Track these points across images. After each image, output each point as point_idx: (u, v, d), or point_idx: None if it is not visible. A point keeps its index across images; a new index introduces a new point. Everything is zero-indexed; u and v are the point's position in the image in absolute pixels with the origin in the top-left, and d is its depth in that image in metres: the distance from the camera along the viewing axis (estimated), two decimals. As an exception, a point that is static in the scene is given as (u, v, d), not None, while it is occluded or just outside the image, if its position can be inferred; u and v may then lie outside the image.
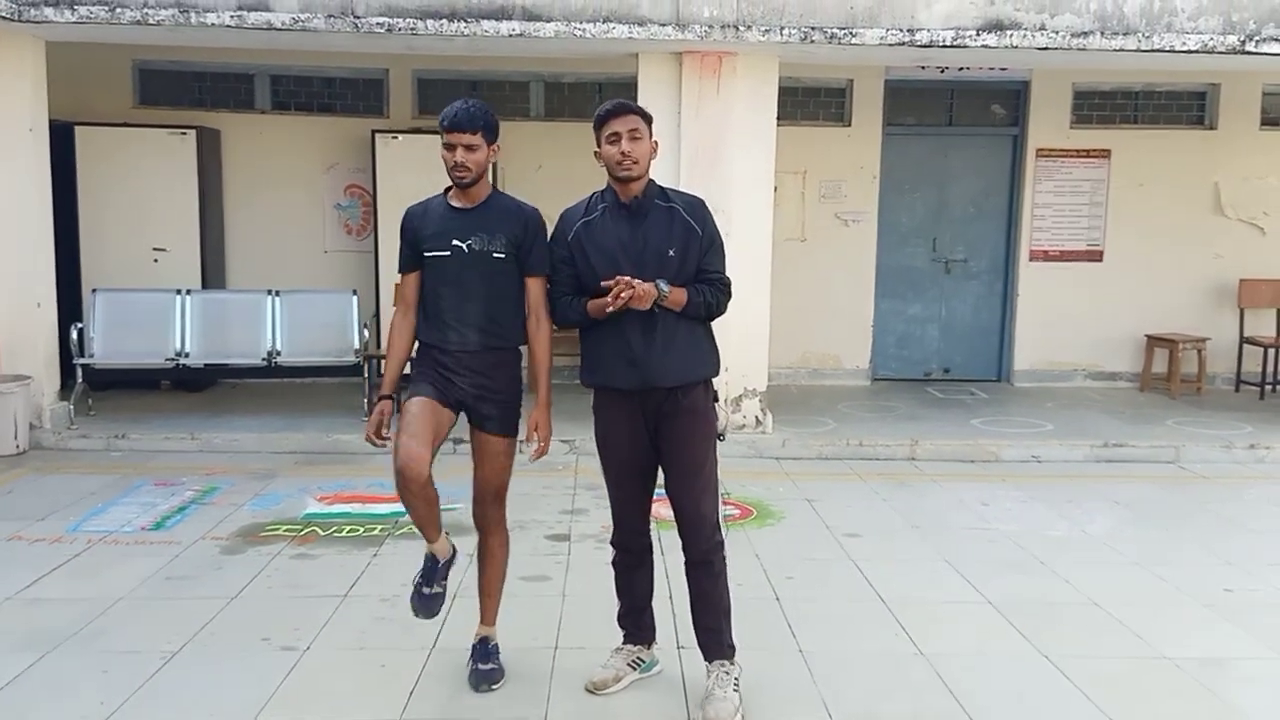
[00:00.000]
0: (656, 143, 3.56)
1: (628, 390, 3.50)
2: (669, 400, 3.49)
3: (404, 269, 3.72)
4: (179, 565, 4.94)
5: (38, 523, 5.54)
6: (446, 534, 3.73)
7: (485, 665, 3.78)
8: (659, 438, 3.53)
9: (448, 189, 3.68)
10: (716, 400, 3.61)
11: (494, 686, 3.73)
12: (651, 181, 3.56)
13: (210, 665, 3.88)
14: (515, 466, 3.78)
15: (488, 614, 3.86)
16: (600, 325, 3.51)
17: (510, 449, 3.74)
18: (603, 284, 3.38)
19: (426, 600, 3.73)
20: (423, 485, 3.46)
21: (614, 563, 3.77)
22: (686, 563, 3.59)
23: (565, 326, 3.64)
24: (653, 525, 3.77)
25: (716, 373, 3.61)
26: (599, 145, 3.52)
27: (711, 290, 3.49)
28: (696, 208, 3.55)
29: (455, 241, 3.58)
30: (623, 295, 3.31)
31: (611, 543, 3.75)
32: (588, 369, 3.59)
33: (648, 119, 3.53)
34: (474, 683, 3.73)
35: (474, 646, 3.83)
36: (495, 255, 3.58)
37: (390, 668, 3.87)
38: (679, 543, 3.59)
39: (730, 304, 3.59)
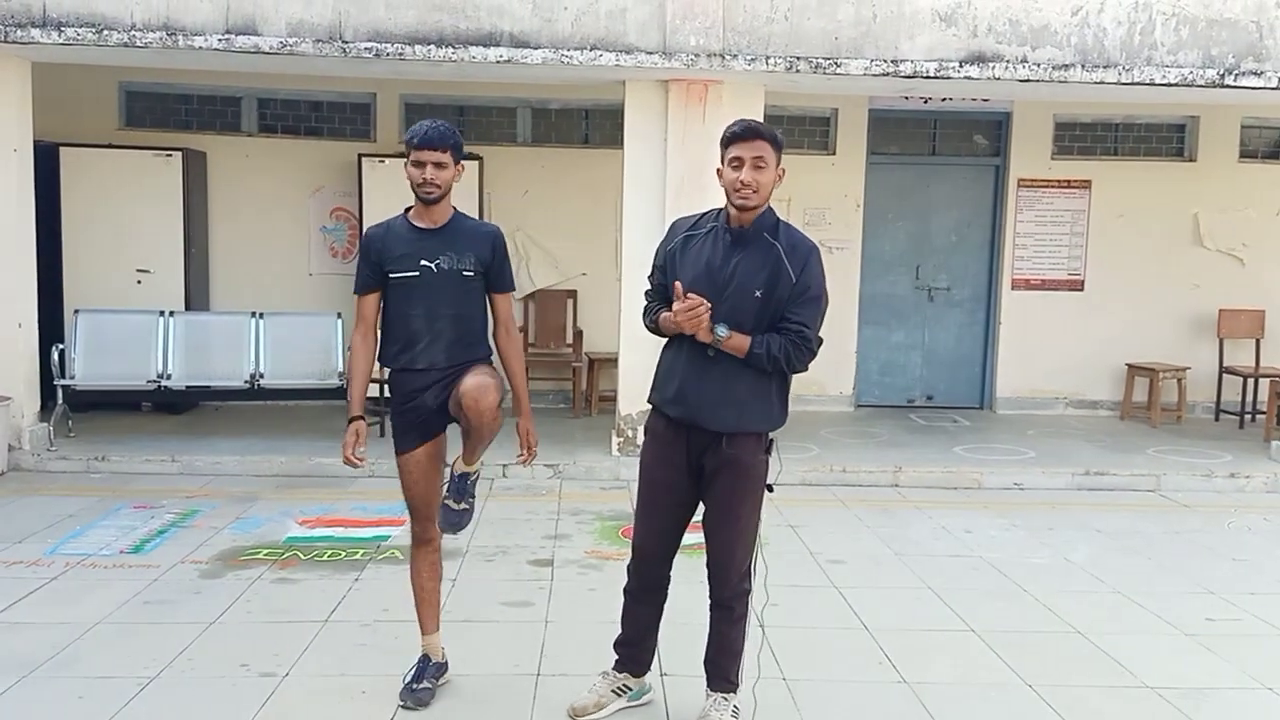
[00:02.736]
0: (783, 171, 3.34)
1: (675, 419, 3.43)
2: (716, 445, 3.37)
3: (363, 290, 3.72)
4: (158, 589, 4.89)
5: (15, 545, 5.48)
6: (439, 633, 3.85)
7: (457, 504, 3.65)
8: (703, 478, 3.45)
9: (407, 209, 3.73)
10: (769, 451, 3.44)
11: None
12: (769, 211, 3.37)
13: (188, 692, 3.84)
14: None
15: (471, 455, 3.64)
16: (671, 346, 3.45)
17: (492, 368, 3.61)
18: (675, 293, 3.27)
19: (416, 694, 3.74)
20: (434, 550, 3.77)
21: (625, 589, 3.71)
22: (710, 601, 3.54)
23: (649, 331, 3.57)
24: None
25: (776, 426, 3.43)
26: (722, 163, 3.35)
27: (782, 343, 3.25)
28: (799, 252, 3.31)
29: (424, 261, 3.61)
30: (682, 315, 3.21)
31: (627, 567, 3.69)
32: (653, 385, 3.53)
33: (778, 146, 3.31)
34: (442, 522, 3.69)
35: (454, 477, 3.68)
36: (465, 273, 3.64)
37: (371, 694, 3.83)
38: (686, 573, 3.57)
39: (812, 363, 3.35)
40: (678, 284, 3.29)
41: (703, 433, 3.38)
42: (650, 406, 3.55)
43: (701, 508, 3.52)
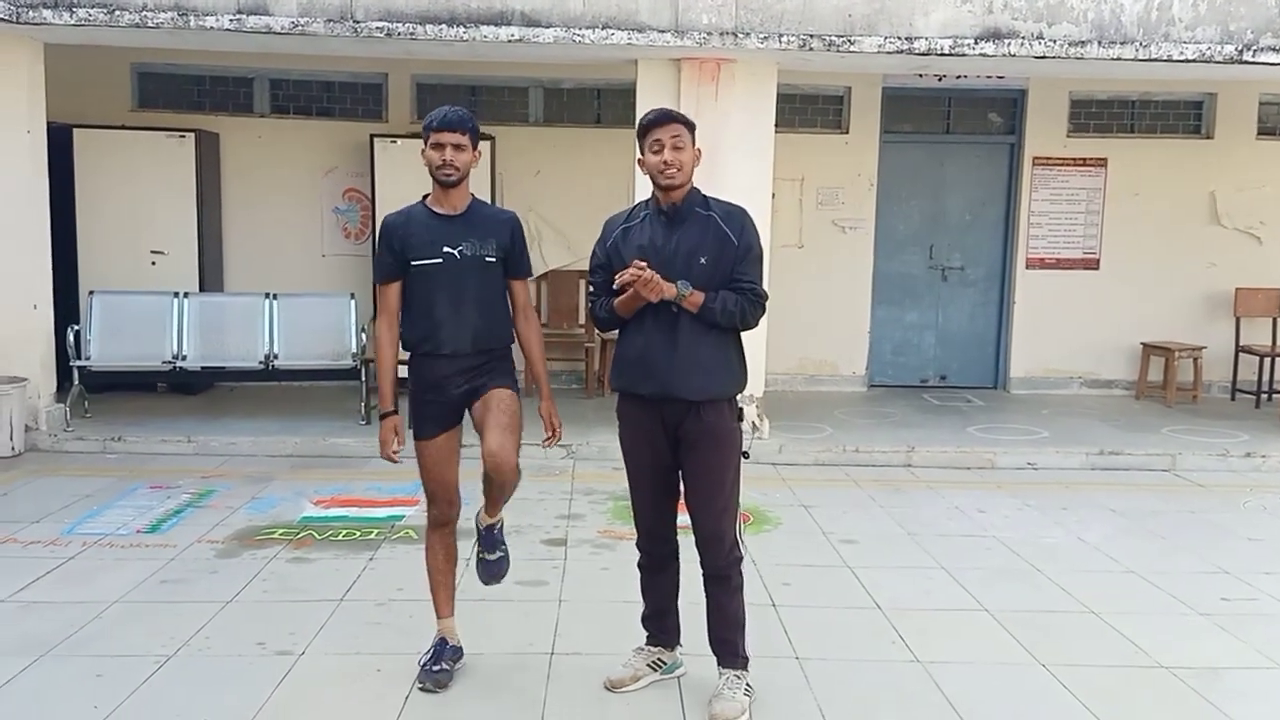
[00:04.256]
0: (700, 150, 3.51)
1: (648, 398, 3.49)
2: (691, 415, 3.46)
3: (385, 279, 3.71)
4: (174, 569, 4.93)
5: (33, 525, 5.53)
6: (454, 618, 3.88)
7: (492, 555, 3.85)
8: (680, 451, 3.51)
9: (425, 197, 3.74)
10: (741, 418, 3.56)
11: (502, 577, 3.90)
12: (695, 190, 3.53)
13: (205, 670, 3.87)
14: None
15: (494, 509, 3.80)
16: (628, 330, 3.53)
17: (515, 400, 3.71)
18: (618, 278, 3.39)
19: (435, 676, 3.75)
20: (449, 533, 3.77)
21: (639, 564, 3.77)
22: (704, 576, 3.58)
23: (601, 328, 3.67)
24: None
25: (741, 389, 3.57)
26: (642, 154, 3.49)
27: (736, 299, 3.41)
28: (734, 216, 3.50)
29: (446, 249, 3.63)
30: (628, 276, 3.33)
31: (636, 544, 3.75)
32: (614, 371, 3.63)
33: (690, 126, 3.49)
34: (483, 575, 3.89)
35: (481, 532, 3.85)
36: (488, 259, 3.67)
37: (386, 673, 3.86)
38: (693, 554, 3.59)
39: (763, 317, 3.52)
40: (624, 276, 3.40)
41: (676, 404, 3.46)
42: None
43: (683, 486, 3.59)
